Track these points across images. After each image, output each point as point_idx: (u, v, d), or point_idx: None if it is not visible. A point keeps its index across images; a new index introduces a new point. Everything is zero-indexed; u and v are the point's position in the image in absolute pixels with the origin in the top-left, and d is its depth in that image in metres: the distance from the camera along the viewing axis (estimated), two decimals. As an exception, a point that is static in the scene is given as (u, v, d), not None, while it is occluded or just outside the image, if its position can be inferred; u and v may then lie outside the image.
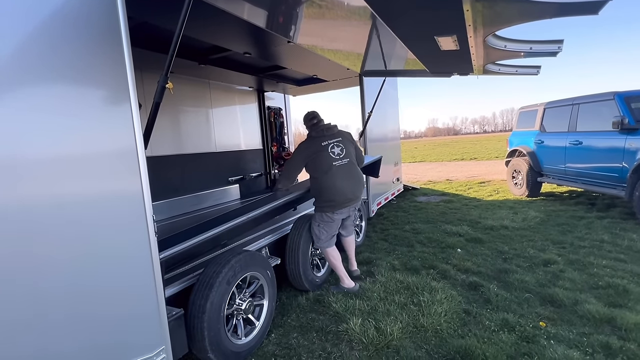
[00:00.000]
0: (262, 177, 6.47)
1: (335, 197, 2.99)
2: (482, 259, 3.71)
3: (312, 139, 3.13)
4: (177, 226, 3.70)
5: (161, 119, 4.54)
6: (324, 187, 2.99)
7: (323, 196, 3.00)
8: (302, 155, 3.09)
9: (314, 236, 3.08)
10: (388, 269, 3.57)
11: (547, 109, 6.48)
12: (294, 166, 3.15)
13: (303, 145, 3.15)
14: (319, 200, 3.04)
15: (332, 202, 2.99)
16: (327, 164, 3.00)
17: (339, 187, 3.00)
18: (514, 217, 5.34)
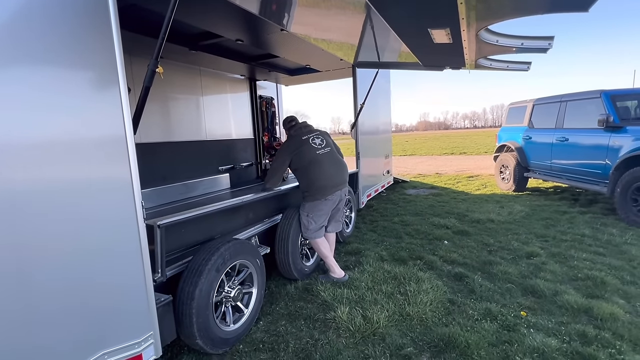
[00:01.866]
0: (252, 166, 6.44)
1: (325, 181, 3.04)
2: (468, 251, 3.80)
3: (292, 137, 3.24)
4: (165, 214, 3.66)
5: (150, 106, 4.46)
6: (313, 175, 3.03)
7: (314, 184, 3.02)
8: (286, 152, 3.15)
9: (303, 227, 3.10)
10: (376, 259, 3.62)
11: (536, 105, 6.58)
12: (279, 164, 3.20)
13: (285, 144, 3.26)
14: (309, 190, 3.06)
15: (322, 188, 3.03)
16: (311, 154, 3.08)
17: (327, 171, 3.08)
18: (500, 211, 5.45)
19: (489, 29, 2.55)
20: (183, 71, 4.97)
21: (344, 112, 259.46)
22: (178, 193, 4.82)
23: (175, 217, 2.09)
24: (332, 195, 3.08)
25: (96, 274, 1.52)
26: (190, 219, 2.27)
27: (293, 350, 2.24)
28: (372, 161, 5.79)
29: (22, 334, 1.33)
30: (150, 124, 4.45)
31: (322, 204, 3.05)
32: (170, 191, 4.71)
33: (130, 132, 1.66)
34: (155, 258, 1.92)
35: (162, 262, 1.95)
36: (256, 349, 2.28)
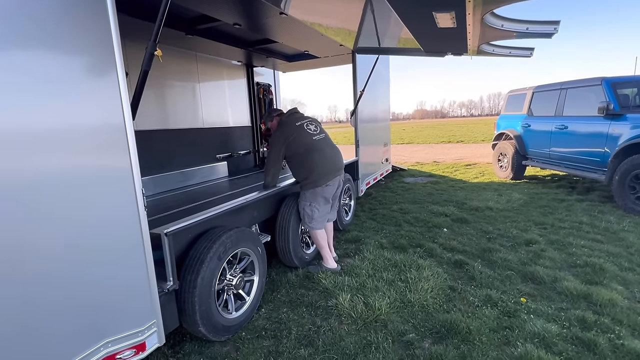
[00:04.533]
0: (250, 154, 6.39)
1: (325, 167, 2.99)
2: (467, 238, 3.81)
3: (284, 123, 3.11)
4: (163, 203, 3.63)
5: (146, 92, 4.39)
6: (312, 162, 2.97)
7: (314, 170, 2.96)
8: (280, 140, 3.02)
9: (306, 216, 3.04)
10: (376, 247, 3.63)
11: (535, 92, 6.54)
12: (275, 155, 3.03)
13: (277, 133, 3.10)
14: (308, 177, 3.00)
15: (322, 174, 2.97)
16: (308, 140, 3.01)
17: (327, 156, 3.03)
18: (498, 198, 5.47)
19: (495, 13, 2.49)
20: (179, 57, 4.86)
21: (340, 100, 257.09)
22: (176, 181, 4.78)
23: (182, 223, 2.05)
24: (332, 181, 3.05)
25: (97, 266, 1.50)
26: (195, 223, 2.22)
27: (295, 337, 2.25)
28: (371, 149, 5.76)
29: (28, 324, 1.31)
30: (147, 111, 4.38)
31: (324, 190, 3.02)
32: (168, 179, 4.67)
33: (129, 117, 1.62)
34: (165, 266, 1.90)
35: (173, 270, 1.93)
36: (259, 336, 2.29)
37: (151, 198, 3.97)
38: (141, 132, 4.24)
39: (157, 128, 4.55)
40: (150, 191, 4.30)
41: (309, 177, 2.99)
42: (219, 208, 2.40)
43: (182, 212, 2.86)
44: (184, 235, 2.13)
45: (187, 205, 3.41)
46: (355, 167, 5.00)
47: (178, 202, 3.65)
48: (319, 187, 2.99)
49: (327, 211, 3.14)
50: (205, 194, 4.19)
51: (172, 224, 1.99)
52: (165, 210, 3.06)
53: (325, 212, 3.11)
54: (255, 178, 5.23)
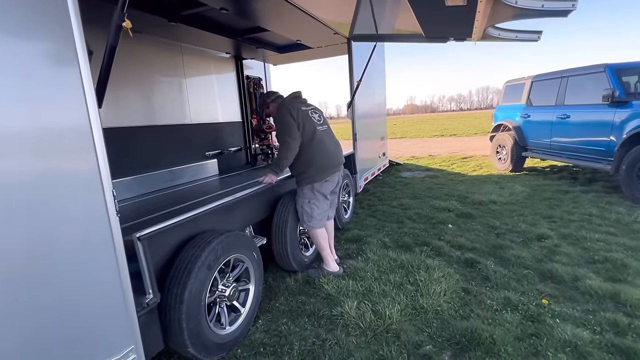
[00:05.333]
0: (241, 151, 6.09)
1: (326, 161, 2.74)
2: (474, 234, 3.60)
3: (288, 105, 2.76)
4: (146, 205, 3.34)
5: (128, 86, 4.06)
6: (312, 154, 2.71)
7: (313, 164, 2.70)
8: (291, 121, 2.67)
9: (305, 215, 2.79)
10: (379, 246, 3.39)
11: (534, 82, 6.37)
12: (292, 135, 2.62)
13: (285, 115, 2.69)
14: (306, 171, 2.73)
15: (322, 168, 2.73)
16: (312, 129, 2.74)
17: (328, 149, 2.78)
18: (500, 191, 5.28)
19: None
20: (163, 48, 4.54)
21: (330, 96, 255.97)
22: (163, 181, 4.46)
23: (158, 226, 1.74)
24: (331, 177, 2.79)
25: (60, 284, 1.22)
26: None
27: (298, 352, 2.00)
28: (369, 143, 5.52)
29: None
30: (129, 106, 4.06)
31: (322, 186, 2.76)
32: (154, 179, 4.35)
33: (94, 108, 1.33)
34: (142, 277, 1.62)
35: (152, 280, 1.65)
36: (256, 353, 2.03)
37: (134, 200, 3.68)
38: (124, 129, 3.95)
39: (141, 125, 4.24)
40: (133, 192, 3.99)
41: (307, 172, 2.73)
42: (204, 209, 2.12)
43: (167, 215, 2.59)
44: (165, 241, 1.85)
45: (174, 206, 3.13)
46: (353, 161, 4.76)
47: (164, 204, 3.36)
48: (317, 182, 2.73)
49: (327, 208, 2.89)
50: (195, 193, 3.90)
51: (148, 228, 1.71)
52: (149, 213, 2.77)
53: (325, 210, 2.86)
54: (248, 176, 4.95)
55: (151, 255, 1.66)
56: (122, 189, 3.86)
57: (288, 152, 2.64)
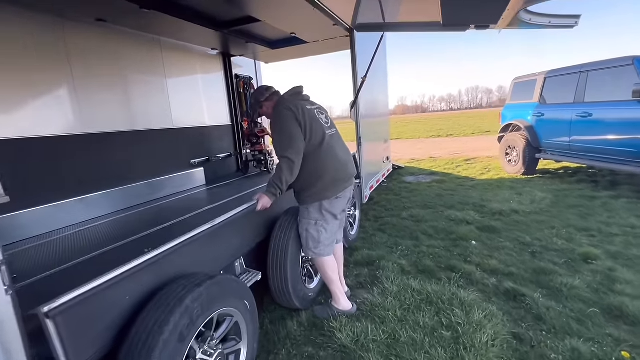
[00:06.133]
0: (231, 158, 5.51)
1: (338, 173, 2.18)
2: (506, 254, 3.08)
3: (289, 102, 2.16)
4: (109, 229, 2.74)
5: (97, 86, 3.45)
6: (322, 164, 2.13)
7: (323, 177, 2.12)
8: (295, 119, 2.08)
9: (310, 240, 2.22)
10: (397, 272, 2.85)
11: (548, 78, 5.91)
12: (293, 136, 2.04)
13: (286, 111, 2.09)
14: (314, 186, 2.15)
15: (333, 183, 2.16)
16: (320, 134, 2.16)
17: (341, 159, 2.22)
18: (519, 199, 4.78)
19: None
20: (138, 42, 3.94)
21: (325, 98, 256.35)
22: (140, 195, 3.87)
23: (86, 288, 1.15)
24: (344, 192, 2.24)
25: None
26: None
27: None
28: (373, 146, 4.98)
29: None
30: (99, 110, 3.46)
31: (333, 205, 2.20)
32: (130, 193, 3.75)
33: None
34: None
35: None
36: None
37: (101, 220, 3.07)
38: (92, 136, 3.35)
39: (113, 130, 3.64)
40: (104, 210, 3.39)
41: (314, 187, 2.15)
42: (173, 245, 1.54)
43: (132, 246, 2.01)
44: (101, 308, 1.24)
45: (144, 231, 2.54)
46: (358, 168, 4.21)
47: (134, 226, 2.78)
48: (327, 200, 2.17)
49: (336, 230, 2.33)
50: (176, 210, 3.32)
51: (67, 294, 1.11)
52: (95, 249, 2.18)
53: (334, 232, 2.30)
54: (239, 186, 4.37)
55: (74, 337, 1.08)
56: (90, 207, 3.26)
57: (291, 169, 2.03)
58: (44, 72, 2.96)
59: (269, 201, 2.10)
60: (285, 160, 2.03)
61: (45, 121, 2.96)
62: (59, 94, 3.09)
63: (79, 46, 3.25)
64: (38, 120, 2.90)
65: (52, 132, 2.99)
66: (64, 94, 3.13)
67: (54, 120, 3.03)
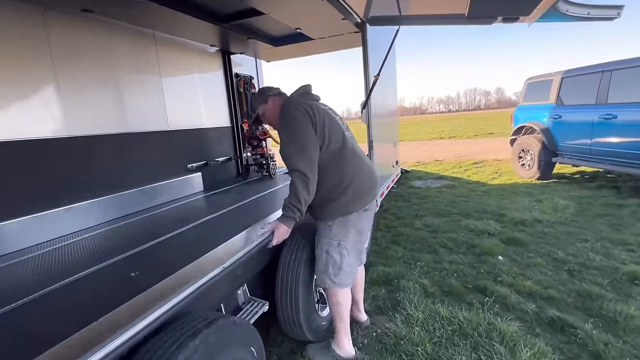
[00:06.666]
0: (231, 162, 5.18)
1: (365, 181, 1.84)
2: (539, 272, 2.75)
3: (301, 104, 1.81)
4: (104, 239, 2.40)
5: (86, 85, 3.12)
6: (347, 171, 1.78)
7: (348, 187, 1.77)
8: (310, 122, 1.73)
9: (331, 266, 1.85)
10: (419, 294, 2.52)
11: (565, 78, 5.61)
12: (307, 144, 1.68)
13: (297, 113, 1.74)
14: (339, 198, 1.78)
15: (361, 192, 1.81)
16: (340, 136, 1.82)
17: (366, 165, 1.89)
18: (540, 206, 4.47)
19: None
20: (130, 37, 3.61)
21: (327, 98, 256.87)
22: (131, 204, 3.54)
23: None
24: (371, 204, 1.91)
25: None
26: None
27: None
28: (383, 150, 4.66)
29: None
30: (86, 110, 3.13)
31: (361, 218, 1.85)
32: (121, 202, 3.41)
33: None
34: None
35: None
36: None
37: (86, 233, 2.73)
38: (79, 139, 3.02)
39: (104, 133, 3.31)
40: (89, 221, 3.04)
41: (340, 199, 1.78)
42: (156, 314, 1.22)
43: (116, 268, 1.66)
44: None
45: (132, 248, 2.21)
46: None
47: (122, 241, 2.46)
48: (353, 213, 1.81)
49: (361, 252, 2.00)
50: (170, 221, 3.00)
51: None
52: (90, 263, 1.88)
53: (357, 256, 1.97)
54: (238, 193, 4.04)
55: None
56: (74, 218, 2.93)
57: (307, 185, 1.65)
58: (23, 69, 2.64)
59: (287, 230, 1.75)
60: (298, 175, 1.66)
61: (24, 123, 2.63)
62: (40, 94, 2.76)
63: (63, 41, 2.92)
64: (16, 122, 2.57)
65: (33, 135, 2.67)
66: (45, 94, 2.80)
67: (34, 122, 2.71)
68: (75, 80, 3.02)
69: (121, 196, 3.39)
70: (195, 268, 1.63)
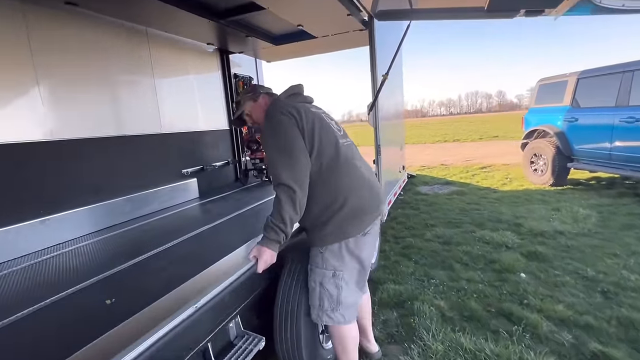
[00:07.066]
0: (229, 166, 4.91)
1: (364, 198, 1.52)
2: (569, 293, 2.46)
3: (288, 106, 1.54)
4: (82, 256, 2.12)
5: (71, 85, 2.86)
6: (342, 187, 1.48)
7: (345, 205, 1.46)
8: (296, 126, 1.47)
9: (326, 300, 1.54)
10: (437, 319, 2.22)
11: (581, 79, 5.32)
12: (293, 152, 1.42)
13: (284, 117, 1.48)
14: (332, 219, 1.48)
15: (360, 211, 1.50)
16: (333, 144, 1.52)
17: (367, 178, 1.57)
18: (558, 215, 4.17)
19: None
20: (120, 33, 3.36)
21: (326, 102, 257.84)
22: (119, 213, 3.26)
23: None
24: (373, 225, 1.58)
25: None
26: None
27: None
28: (390, 154, 4.38)
29: None
30: (70, 112, 2.86)
31: (359, 244, 1.53)
32: (106, 211, 3.14)
33: None
34: None
35: None
36: None
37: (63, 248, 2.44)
38: (62, 143, 2.75)
39: (90, 136, 3.04)
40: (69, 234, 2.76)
41: (333, 220, 1.47)
42: None
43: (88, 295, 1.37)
44: None
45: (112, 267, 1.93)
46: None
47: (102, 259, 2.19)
48: (352, 237, 1.50)
49: (362, 282, 1.68)
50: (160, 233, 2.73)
51: None
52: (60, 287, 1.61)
53: (360, 286, 1.65)
54: (236, 200, 3.76)
55: None
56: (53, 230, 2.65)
57: (293, 201, 1.39)
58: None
59: (273, 254, 1.47)
60: (284, 189, 1.39)
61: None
62: (17, 94, 2.50)
63: (45, 37, 2.66)
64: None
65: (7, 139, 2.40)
66: (23, 94, 2.54)
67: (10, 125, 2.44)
68: (58, 79, 2.76)
69: (105, 205, 3.11)
70: (179, 297, 1.35)
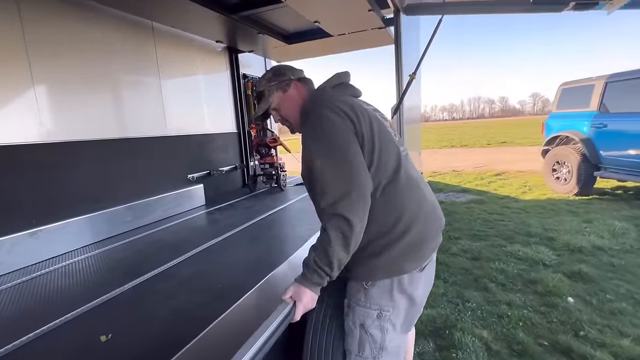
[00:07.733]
0: (236, 171, 4.64)
1: (430, 224, 1.15)
2: (631, 324, 2.15)
3: (340, 101, 1.14)
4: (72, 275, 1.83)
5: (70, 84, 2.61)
6: (405, 211, 1.10)
7: (407, 233, 1.09)
8: (348, 132, 1.06)
9: (368, 345, 1.14)
10: (483, 356, 1.92)
11: (609, 83, 5.03)
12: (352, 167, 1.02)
13: (332, 116, 1.08)
14: (389, 250, 1.09)
15: (423, 242, 1.13)
16: (395, 155, 1.14)
17: (429, 199, 1.19)
18: (592, 228, 3.86)
19: None
20: (123, 28, 3.10)
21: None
22: (119, 222, 2.98)
23: None
24: (432, 257, 1.22)
25: None
26: None
27: None
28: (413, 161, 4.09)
29: None
30: (68, 113, 2.59)
31: (415, 281, 1.15)
32: (106, 221, 2.86)
33: None
34: None
35: None
36: None
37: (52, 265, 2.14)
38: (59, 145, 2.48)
39: (90, 138, 2.77)
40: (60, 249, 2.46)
41: (387, 252, 1.10)
42: None
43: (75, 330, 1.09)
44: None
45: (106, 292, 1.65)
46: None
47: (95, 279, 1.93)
48: (407, 273, 1.13)
49: (413, 322, 1.28)
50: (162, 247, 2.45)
51: None
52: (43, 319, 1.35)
53: (406, 328, 1.24)
54: (246, 208, 3.48)
55: None
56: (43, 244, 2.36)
57: (347, 238, 0.99)
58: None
59: (314, 297, 1.11)
60: (338, 222, 0.98)
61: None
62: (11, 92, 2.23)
63: (41, 32, 2.39)
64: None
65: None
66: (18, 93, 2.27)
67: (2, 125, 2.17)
68: (56, 78, 2.49)
69: (103, 215, 2.83)
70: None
